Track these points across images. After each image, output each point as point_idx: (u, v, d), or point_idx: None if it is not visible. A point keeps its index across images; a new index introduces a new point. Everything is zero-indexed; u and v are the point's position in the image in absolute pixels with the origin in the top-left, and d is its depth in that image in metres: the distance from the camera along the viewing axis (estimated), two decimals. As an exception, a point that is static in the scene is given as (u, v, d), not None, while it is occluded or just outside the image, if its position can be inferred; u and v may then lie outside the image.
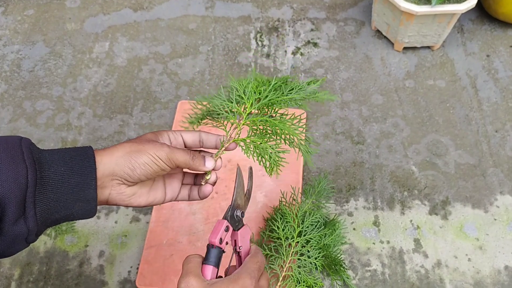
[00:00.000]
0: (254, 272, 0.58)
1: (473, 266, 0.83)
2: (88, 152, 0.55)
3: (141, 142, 0.58)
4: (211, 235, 0.59)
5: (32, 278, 0.82)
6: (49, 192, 0.52)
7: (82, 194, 0.53)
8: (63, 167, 0.53)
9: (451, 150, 0.96)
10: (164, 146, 0.58)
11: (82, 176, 0.53)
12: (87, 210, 0.55)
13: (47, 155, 0.53)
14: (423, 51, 1.10)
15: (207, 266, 0.58)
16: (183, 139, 0.63)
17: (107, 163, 0.55)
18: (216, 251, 0.58)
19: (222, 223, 0.60)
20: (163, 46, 1.12)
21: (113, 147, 0.57)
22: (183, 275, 0.56)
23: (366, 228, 0.87)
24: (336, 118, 1.01)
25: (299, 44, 1.12)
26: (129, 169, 0.56)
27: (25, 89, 1.05)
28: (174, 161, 0.59)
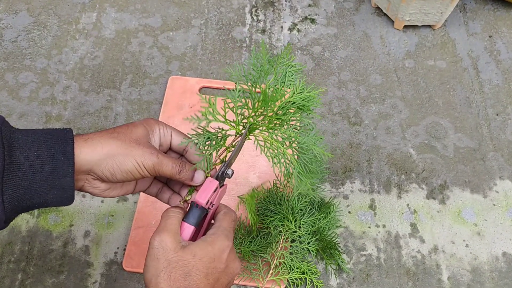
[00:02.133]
0: (230, 232, 0.56)
1: (470, 252, 0.81)
2: (66, 136, 0.50)
3: (129, 144, 0.53)
4: (200, 194, 0.55)
5: (13, 258, 0.79)
6: (19, 179, 0.47)
7: (57, 181, 0.49)
8: (36, 151, 0.48)
9: (450, 133, 0.93)
10: (153, 155, 0.53)
11: (58, 162, 0.49)
12: (63, 198, 0.51)
13: (20, 136, 0.48)
14: (424, 30, 1.06)
15: (187, 225, 0.55)
16: (171, 139, 0.59)
17: (86, 158, 0.51)
18: (199, 211, 0.55)
19: (213, 184, 0.56)
20: (154, 18, 1.07)
21: (96, 139, 0.52)
22: (159, 231, 0.53)
23: (361, 212, 0.85)
24: (333, 98, 0.97)
25: (296, 20, 1.08)
26: (109, 173, 0.52)
27: (7, 60, 1.00)
28: (159, 172, 0.55)
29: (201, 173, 0.58)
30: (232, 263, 0.55)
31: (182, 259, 0.51)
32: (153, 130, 0.57)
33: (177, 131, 0.59)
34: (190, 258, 0.51)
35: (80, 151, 0.51)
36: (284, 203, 0.80)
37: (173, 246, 0.51)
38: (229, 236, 0.55)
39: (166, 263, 0.51)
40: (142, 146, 0.53)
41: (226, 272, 0.55)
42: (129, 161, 0.52)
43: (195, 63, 1.01)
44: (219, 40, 1.04)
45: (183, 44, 1.03)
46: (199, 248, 0.52)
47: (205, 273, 0.52)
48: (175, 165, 0.55)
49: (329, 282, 0.78)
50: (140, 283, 0.77)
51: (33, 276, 0.77)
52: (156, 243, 0.52)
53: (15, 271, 0.77)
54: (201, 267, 0.52)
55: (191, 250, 0.52)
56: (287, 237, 0.79)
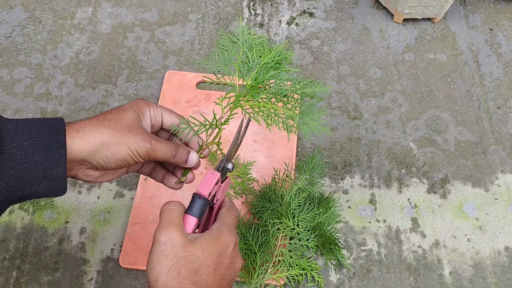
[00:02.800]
0: (233, 228, 0.55)
1: (472, 247, 0.80)
2: (57, 125, 0.49)
3: (122, 131, 0.52)
4: (202, 185, 0.54)
5: (8, 255, 0.77)
6: (10, 169, 0.46)
7: (49, 172, 0.48)
8: (27, 141, 0.47)
9: (451, 126, 0.92)
10: (146, 141, 0.52)
11: (49, 152, 0.47)
12: (56, 188, 0.50)
13: (10, 126, 0.47)
14: (424, 23, 1.05)
15: (190, 216, 0.53)
16: (162, 119, 0.58)
17: (79, 149, 0.50)
18: (202, 203, 0.54)
19: (215, 176, 0.56)
20: (150, 13, 1.06)
21: (87, 129, 0.51)
22: (164, 226, 0.51)
23: (362, 207, 0.83)
24: (332, 92, 0.96)
25: (294, 14, 1.07)
26: (103, 162, 0.51)
27: (2, 56, 0.98)
28: (153, 158, 0.54)
29: (194, 154, 0.57)
30: (235, 259, 0.55)
31: (192, 254, 0.50)
32: (144, 113, 0.56)
33: (168, 111, 0.58)
34: (199, 253, 0.50)
35: (72, 142, 0.49)
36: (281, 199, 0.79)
37: (182, 241, 0.50)
38: (232, 232, 0.55)
39: (175, 260, 0.49)
40: (134, 133, 0.52)
41: (231, 268, 0.54)
42: (122, 149, 0.51)
43: (192, 58, 0.99)
44: (217, 34, 1.03)
45: (180, 39, 1.02)
46: (207, 243, 0.51)
47: (213, 269, 0.51)
48: (169, 149, 0.55)
49: (329, 277, 0.77)
50: (137, 280, 0.76)
51: (28, 273, 0.76)
52: (164, 239, 0.50)
53: (10, 268, 0.76)
54: (210, 262, 0.51)
55: (200, 244, 0.51)
56: (285, 235, 0.78)
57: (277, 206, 0.79)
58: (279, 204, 0.79)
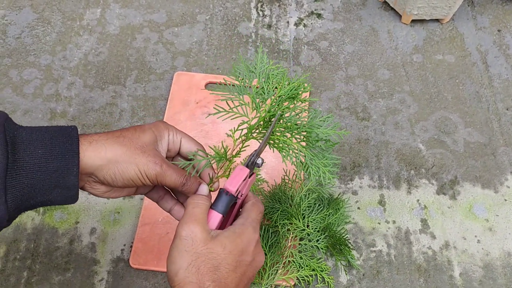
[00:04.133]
0: (257, 224, 0.54)
1: (482, 248, 0.79)
2: (71, 134, 0.49)
3: (134, 152, 0.51)
4: (230, 181, 0.54)
5: (19, 255, 0.78)
6: (23, 178, 0.46)
7: (61, 180, 0.48)
8: (41, 149, 0.47)
9: (460, 128, 0.91)
10: (157, 165, 0.52)
11: (63, 160, 0.48)
12: (67, 197, 0.50)
13: (24, 134, 0.47)
14: (432, 24, 1.05)
15: (215, 212, 0.53)
16: (180, 145, 0.57)
17: (89, 162, 0.50)
18: (228, 199, 0.53)
19: (244, 172, 0.55)
20: (158, 14, 1.06)
21: (101, 143, 0.51)
22: (186, 220, 0.51)
23: (371, 208, 0.83)
24: (340, 93, 0.96)
25: (302, 15, 1.07)
26: (110, 178, 0.51)
27: (11, 57, 0.99)
28: (162, 183, 0.53)
29: (205, 187, 0.57)
30: (257, 256, 0.54)
31: (212, 251, 0.50)
32: (162, 136, 0.55)
33: (188, 137, 0.57)
34: (220, 250, 0.50)
35: (84, 154, 0.49)
36: (291, 200, 0.79)
37: (203, 237, 0.50)
38: (256, 228, 0.54)
39: (195, 256, 0.49)
40: (147, 154, 0.52)
41: (252, 265, 0.53)
42: (131, 169, 0.51)
43: (201, 59, 1.00)
44: (225, 35, 1.03)
45: (188, 40, 1.02)
46: (229, 240, 0.51)
47: (233, 266, 0.51)
48: (179, 177, 0.54)
49: (339, 278, 0.77)
50: (147, 281, 0.76)
51: (39, 273, 0.76)
52: (185, 234, 0.50)
53: (21, 268, 0.76)
54: (231, 260, 0.50)
55: (221, 241, 0.50)
56: (295, 235, 0.78)
57: (287, 207, 0.79)
58: (289, 205, 0.79)
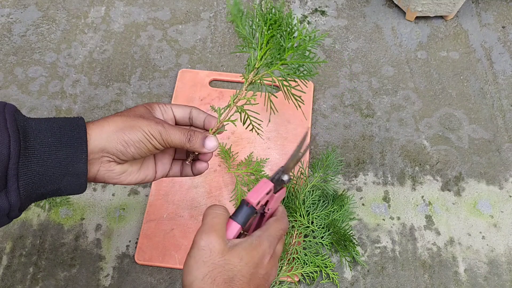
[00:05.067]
0: (275, 240, 0.54)
1: (487, 244, 0.79)
2: (78, 123, 0.50)
3: (134, 117, 0.53)
4: (252, 193, 0.53)
5: (24, 251, 0.78)
6: (35, 165, 0.47)
7: (71, 168, 0.49)
8: (50, 138, 0.48)
9: (464, 124, 0.91)
10: (158, 124, 0.53)
11: (71, 148, 0.48)
12: (77, 185, 0.50)
13: (33, 124, 0.48)
14: (436, 21, 1.05)
15: (233, 222, 0.53)
16: (173, 113, 0.59)
17: (97, 138, 0.51)
18: (249, 211, 0.53)
19: (267, 186, 0.54)
20: (163, 11, 1.06)
21: (102, 120, 0.52)
22: (205, 230, 0.50)
23: (375, 204, 0.84)
24: (344, 90, 0.96)
25: (306, 12, 1.07)
26: (122, 146, 0.52)
27: (17, 55, 0.99)
28: (168, 142, 0.54)
29: (213, 138, 0.57)
30: (271, 270, 0.54)
31: (229, 262, 0.49)
32: (154, 108, 0.57)
33: (176, 105, 0.59)
34: (236, 261, 0.50)
35: (90, 132, 0.51)
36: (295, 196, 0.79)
37: (221, 248, 0.49)
38: (272, 243, 0.53)
39: (212, 267, 0.49)
40: (147, 118, 0.54)
41: (265, 278, 0.53)
42: (137, 131, 0.52)
43: (205, 56, 1.00)
44: (229, 33, 1.03)
45: (192, 37, 1.03)
46: (246, 252, 0.51)
47: (248, 279, 0.50)
48: (183, 133, 0.55)
49: (344, 274, 0.77)
50: (152, 277, 0.76)
51: (44, 269, 0.77)
52: (204, 244, 0.49)
53: (27, 264, 0.77)
54: (245, 272, 0.50)
55: (238, 252, 0.50)
56: (300, 232, 0.78)
57: (291, 204, 0.79)
58: (293, 201, 0.79)
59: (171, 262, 0.77)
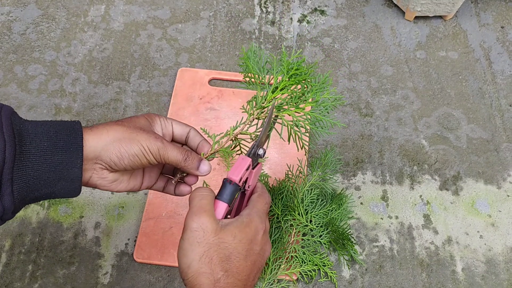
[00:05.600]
0: (264, 214, 0.55)
1: (485, 243, 0.80)
2: (75, 127, 0.50)
3: (134, 129, 0.53)
4: (233, 171, 0.54)
5: (24, 249, 0.78)
6: (29, 169, 0.47)
7: (65, 173, 0.49)
8: (46, 142, 0.48)
9: (463, 124, 0.92)
10: (158, 139, 0.53)
11: (67, 153, 0.49)
12: (71, 189, 0.51)
13: (30, 127, 0.48)
14: (435, 21, 1.05)
15: (220, 202, 0.53)
16: (172, 129, 0.59)
17: (93, 146, 0.51)
18: (232, 188, 0.54)
19: (246, 161, 0.55)
20: (162, 10, 1.06)
21: (101, 127, 0.52)
22: (195, 212, 0.51)
23: (374, 203, 0.84)
24: (343, 89, 0.96)
25: (306, 12, 1.07)
26: (116, 158, 0.52)
27: (16, 53, 0.99)
28: (165, 158, 0.54)
29: (207, 163, 0.58)
30: (265, 245, 0.55)
31: (223, 241, 0.50)
32: (154, 121, 0.57)
33: (177, 122, 0.59)
34: (230, 239, 0.51)
35: (86, 138, 0.50)
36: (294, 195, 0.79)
37: (213, 227, 0.50)
38: (262, 218, 0.55)
39: (207, 247, 0.50)
40: (146, 132, 0.54)
41: (261, 254, 0.54)
42: (135, 145, 0.52)
43: (205, 55, 1.00)
44: (228, 32, 1.04)
45: (192, 36, 1.03)
46: (238, 229, 0.52)
47: (244, 255, 0.51)
48: (181, 152, 0.55)
49: (342, 273, 0.77)
50: (151, 275, 0.77)
51: (44, 267, 0.77)
52: (196, 225, 0.50)
53: (26, 262, 0.77)
54: (241, 249, 0.51)
55: (231, 231, 0.51)
56: (298, 231, 0.78)
57: (290, 203, 0.79)
58: (292, 200, 0.79)
59: (170, 260, 0.77)
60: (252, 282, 0.53)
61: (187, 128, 0.60)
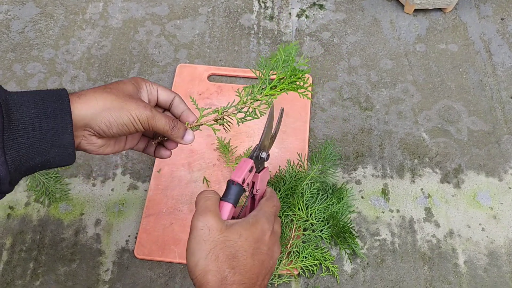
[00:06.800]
0: (271, 216, 0.56)
1: (487, 236, 0.79)
2: (61, 94, 0.50)
3: (123, 98, 0.53)
4: (235, 173, 0.55)
5: (24, 247, 0.78)
6: (20, 137, 0.47)
7: (57, 139, 0.49)
8: (34, 110, 0.48)
9: (464, 116, 0.91)
10: (147, 108, 0.54)
11: (56, 119, 0.49)
12: (64, 156, 0.51)
13: (16, 96, 0.48)
14: (435, 13, 1.04)
15: (225, 203, 0.54)
16: (158, 94, 0.60)
17: (81, 114, 0.51)
18: (237, 189, 0.55)
19: (247, 163, 0.56)
20: (160, 7, 1.06)
21: (90, 95, 0.52)
22: (201, 212, 0.52)
23: (374, 197, 0.83)
24: (343, 83, 0.96)
25: (304, 6, 1.07)
26: (105, 126, 0.52)
27: (15, 51, 0.99)
28: (153, 127, 0.55)
29: (191, 133, 0.59)
30: (273, 246, 0.55)
31: (229, 239, 0.51)
32: (141, 87, 0.58)
33: (163, 87, 0.60)
34: (236, 237, 0.51)
35: (75, 107, 0.50)
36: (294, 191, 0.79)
37: (218, 226, 0.51)
38: (270, 219, 0.55)
39: (213, 244, 0.50)
40: (135, 100, 0.54)
41: (269, 255, 0.54)
42: (124, 114, 0.52)
43: (203, 51, 1.00)
44: (227, 27, 1.03)
45: (190, 32, 1.02)
46: (244, 228, 0.52)
47: (251, 254, 0.51)
48: (168, 121, 0.56)
49: (343, 267, 0.77)
50: (152, 271, 0.76)
51: (45, 264, 0.77)
52: (201, 224, 0.51)
53: (27, 260, 0.77)
54: (247, 247, 0.51)
55: (236, 230, 0.52)
56: (299, 226, 0.78)
57: (290, 198, 0.79)
58: (292, 195, 0.79)
59: (171, 256, 0.77)
60: (262, 282, 0.53)
61: (172, 94, 0.61)
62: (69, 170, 0.86)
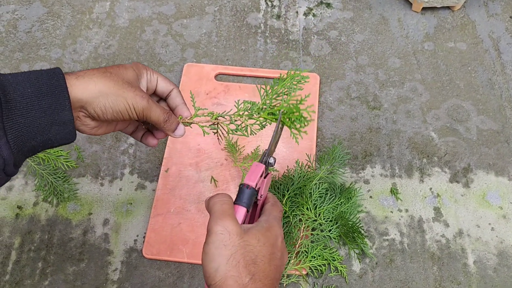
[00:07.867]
0: (280, 221, 0.56)
1: (496, 236, 0.79)
2: (56, 72, 0.50)
3: (122, 85, 0.53)
4: (249, 177, 0.55)
5: (33, 247, 0.78)
6: (19, 117, 0.47)
7: (56, 116, 0.49)
8: (30, 89, 0.47)
9: (472, 115, 0.91)
10: (144, 99, 0.54)
11: (53, 96, 0.48)
12: (65, 133, 0.51)
13: (10, 77, 0.48)
14: (443, 12, 1.04)
15: (239, 207, 0.53)
16: (157, 83, 0.60)
17: (78, 95, 0.50)
18: (250, 192, 0.54)
19: (260, 167, 0.56)
20: (167, 6, 1.06)
21: (88, 77, 0.51)
22: (219, 216, 0.51)
23: (383, 196, 0.83)
24: (351, 82, 0.95)
25: (311, 5, 1.06)
26: (100, 111, 0.52)
27: (22, 51, 0.99)
28: (147, 117, 0.55)
29: (182, 128, 0.60)
30: (284, 251, 0.55)
31: (249, 244, 0.49)
32: (141, 74, 0.57)
33: (163, 77, 0.60)
34: (255, 242, 0.50)
35: (72, 88, 0.50)
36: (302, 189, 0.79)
37: (238, 230, 0.49)
38: (280, 224, 0.55)
39: (233, 249, 0.49)
40: (134, 89, 0.54)
41: (281, 261, 0.54)
42: (120, 101, 0.52)
43: (210, 50, 0.99)
44: (234, 26, 1.03)
45: (197, 31, 1.02)
46: (261, 233, 0.51)
47: (268, 259, 0.51)
48: (163, 113, 0.57)
49: (352, 267, 0.77)
50: (160, 271, 0.76)
51: (53, 264, 0.77)
52: (221, 229, 0.49)
53: (36, 259, 0.77)
54: (265, 252, 0.50)
55: (255, 234, 0.51)
56: (307, 226, 0.78)
57: (298, 197, 0.78)
58: (300, 195, 0.79)
59: (179, 256, 0.77)
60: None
61: (171, 86, 0.61)
62: (77, 170, 0.86)
